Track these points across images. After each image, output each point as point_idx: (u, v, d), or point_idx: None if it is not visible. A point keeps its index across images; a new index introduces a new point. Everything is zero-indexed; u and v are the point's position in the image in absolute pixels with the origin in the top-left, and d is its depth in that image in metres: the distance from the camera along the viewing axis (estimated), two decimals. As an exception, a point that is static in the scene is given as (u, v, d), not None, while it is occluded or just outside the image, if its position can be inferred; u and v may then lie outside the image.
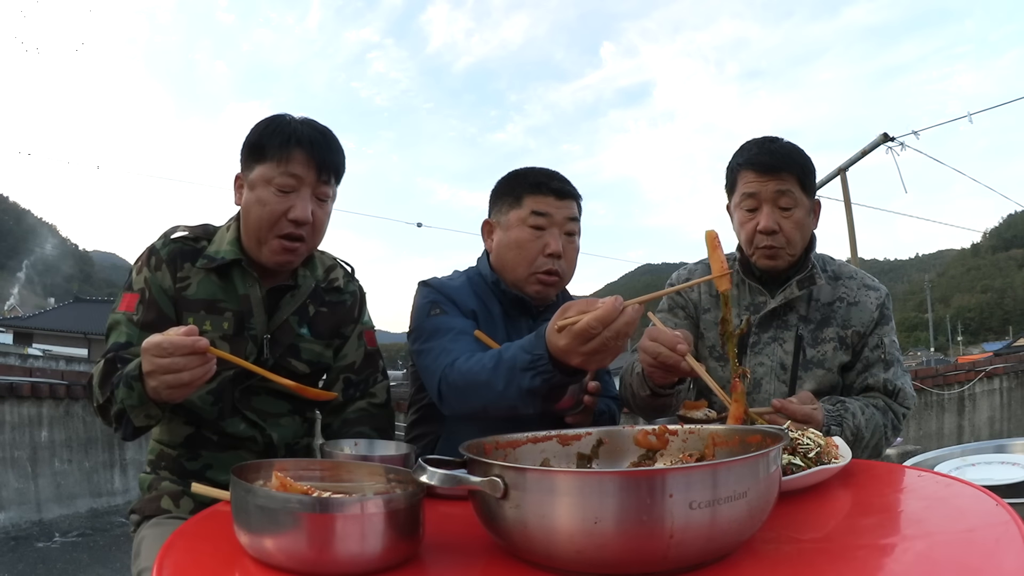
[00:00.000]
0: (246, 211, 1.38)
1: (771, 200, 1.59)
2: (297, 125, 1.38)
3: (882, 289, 1.71)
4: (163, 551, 0.76)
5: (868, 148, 11.62)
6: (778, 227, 1.59)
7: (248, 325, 1.40)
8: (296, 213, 1.35)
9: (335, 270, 1.59)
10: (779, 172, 1.58)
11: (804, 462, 1.02)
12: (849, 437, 1.47)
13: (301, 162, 1.35)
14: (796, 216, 1.60)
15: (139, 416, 1.18)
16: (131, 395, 1.14)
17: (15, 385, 4.77)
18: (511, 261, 1.58)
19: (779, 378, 1.67)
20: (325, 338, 1.51)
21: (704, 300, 1.78)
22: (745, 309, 1.72)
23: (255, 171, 1.37)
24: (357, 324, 1.58)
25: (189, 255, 1.40)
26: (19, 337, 36.11)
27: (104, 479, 5.29)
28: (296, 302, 1.46)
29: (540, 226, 1.55)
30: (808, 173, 1.61)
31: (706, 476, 0.67)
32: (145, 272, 1.38)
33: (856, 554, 0.74)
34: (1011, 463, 2.08)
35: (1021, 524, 0.75)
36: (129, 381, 1.13)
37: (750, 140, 1.69)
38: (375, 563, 0.72)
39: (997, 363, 6.61)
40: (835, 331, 1.66)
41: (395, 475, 0.88)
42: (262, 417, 1.42)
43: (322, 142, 1.38)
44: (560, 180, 1.59)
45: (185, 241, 1.41)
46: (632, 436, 0.99)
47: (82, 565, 3.85)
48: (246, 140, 1.40)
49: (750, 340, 1.70)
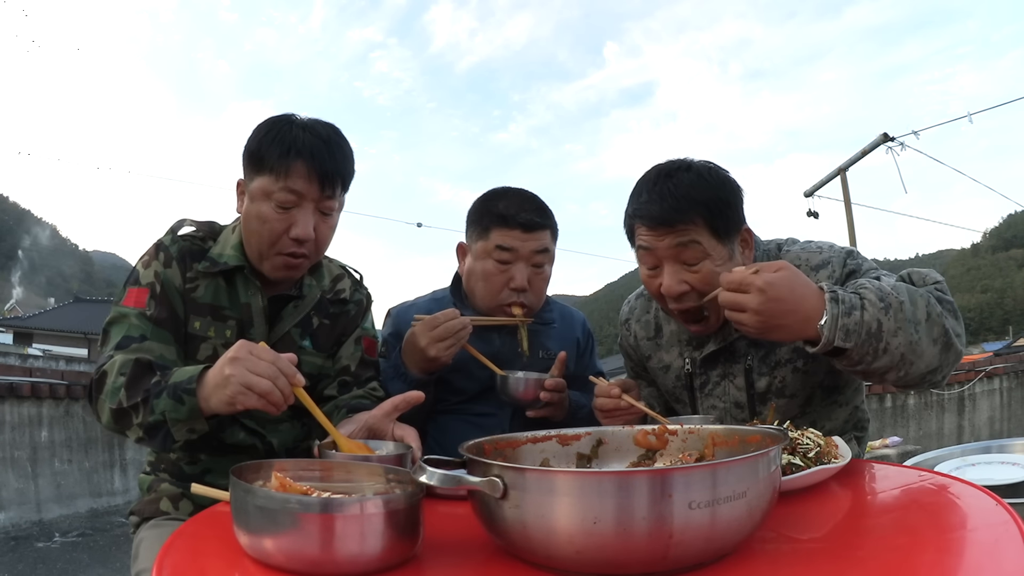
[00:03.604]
0: (246, 223, 1.34)
1: (671, 257, 1.30)
2: (299, 132, 1.30)
3: (835, 259, 1.34)
4: (163, 551, 0.76)
5: (868, 148, 11.63)
6: (687, 286, 1.30)
7: (248, 335, 1.35)
8: (297, 231, 1.30)
9: (342, 280, 1.54)
10: (675, 224, 1.27)
11: (804, 462, 1.02)
12: (874, 304, 1.09)
13: (302, 176, 1.28)
14: (706, 269, 1.28)
15: (181, 430, 1.11)
16: (179, 409, 1.08)
17: (15, 385, 4.76)
18: (479, 291, 1.61)
19: (736, 418, 1.45)
20: (326, 350, 1.48)
21: (644, 345, 1.58)
22: (687, 344, 1.49)
23: (255, 182, 1.31)
24: (357, 329, 1.53)
25: (197, 255, 1.36)
26: (19, 337, 36.11)
27: (104, 479, 5.28)
28: (299, 313, 1.42)
29: (506, 260, 1.56)
30: (720, 212, 1.29)
31: (706, 476, 0.67)
32: (155, 267, 1.32)
33: (856, 554, 0.74)
34: (1011, 463, 2.08)
35: (1021, 524, 0.75)
36: (179, 395, 1.07)
37: (644, 176, 1.35)
38: (375, 563, 0.72)
39: (997, 363, 6.61)
40: (790, 346, 1.37)
41: (394, 475, 0.88)
42: (261, 424, 1.39)
43: (324, 151, 1.30)
44: (530, 211, 1.57)
45: (193, 240, 1.37)
46: (632, 436, 1.00)
47: (82, 565, 3.85)
48: (247, 145, 1.34)
49: (697, 383, 1.49)
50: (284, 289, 1.42)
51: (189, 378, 1.08)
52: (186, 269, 1.34)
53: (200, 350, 1.34)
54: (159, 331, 1.28)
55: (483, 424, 1.60)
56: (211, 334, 1.34)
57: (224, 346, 1.30)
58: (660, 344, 1.55)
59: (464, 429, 1.60)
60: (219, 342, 1.34)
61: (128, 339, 1.25)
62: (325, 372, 1.47)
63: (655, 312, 1.57)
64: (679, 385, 1.53)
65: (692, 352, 1.48)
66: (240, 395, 1.01)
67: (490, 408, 1.62)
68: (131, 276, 1.34)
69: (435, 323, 1.44)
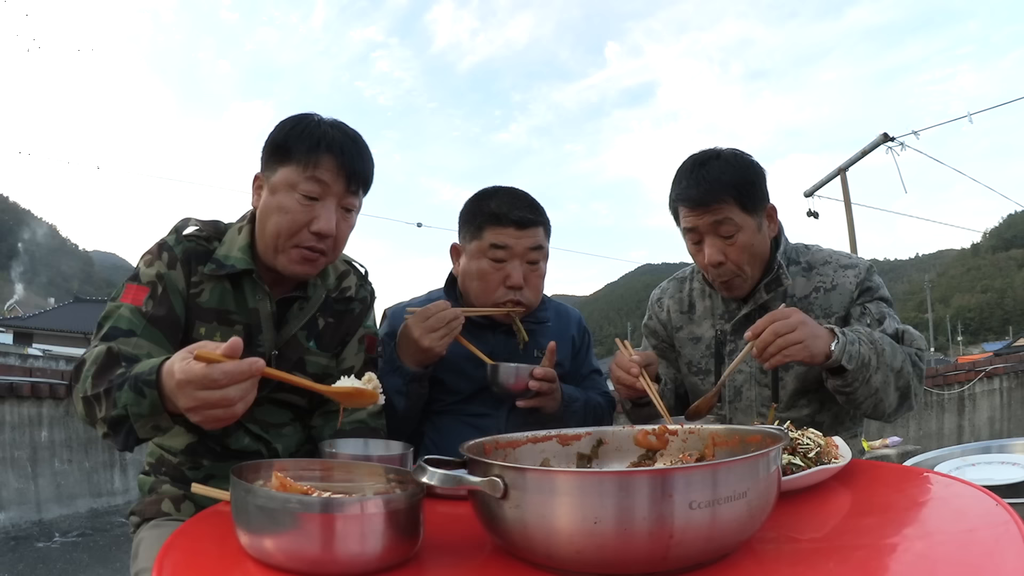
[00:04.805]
0: (264, 216, 1.30)
1: (711, 232, 1.54)
2: (327, 128, 1.30)
3: (861, 264, 1.62)
4: (163, 551, 0.76)
5: (868, 148, 11.64)
6: (724, 257, 1.54)
7: (256, 341, 1.33)
8: (320, 225, 1.27)
9: (348, 277, 1.51)
10: (711, 204, 1.51)
11: (804, 462, 1.02)
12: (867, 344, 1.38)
13: (330, 168, 1.27)
14: (741, 241, 1.53)
15: (145, 428, 1.02)
16: (140, 403, 0.99)
17: (15, 385, 4.76)
18: (474, 291, 1.61)
19: (760, 383, 1.63)
20: (331, 350, 1.45)
21: (675, 318, 1.78)
22: (720, 317, 1.69)
23: (278, 173, 1.29)
24: (361, 328, 1.51)
25: (202, 257, 1.32)
26: (19, 337, 36.12)
27: (104, 479, 5.28)
28: (305, 315, 1.39)
29: (500, 258, 1.56)
30: (747, 190, 1.52)
31: (706, 476, 0.67)
32: (158, 267, 1.28)
33: (856, 554, 0.74)
34: (1011, 463, 2.08)
35: (1021, 524, 0.75)
36: (139, 387, 0.99)
37: (682, 166, 1.60)
38: (375, 563, 0.72)
39: (997, 363, 6.61)
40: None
41: (395, 475, 0.88)
42: (265, 428, 1.37)
43: (353, 149, 1.30)
44: (522, 208, 1.57)
45: (198, 241, 1.33)
46: (632, 436, 1.00)
47: (82, 565, 3.85)
48: (270, 138, 1.32)
49: (727, 348, 1.66)
50: (289, 290, 1.39)
51: (150, 369, 0.98)
52: (191, 272, 1.30)
53: None
54: (152, 330, 1.23)
55: (479, 424, 1.61)
56: (217, 338, 1.28)
57: None
58: (692, 319, 1.75)
59: (460, 429, 1.60)
60: None
61: (116, 330, 1.20)
62: (329, 372, 1.44)
63: (688, 291, 1.79)
64: (707, 354, 1.71)
65: (724, 324, 1.68)
66: (211, 423, 0.91)
67: (486, 408, 1.63)
68: (132, 273, 1.31)
69: (427, 314, 1.46)
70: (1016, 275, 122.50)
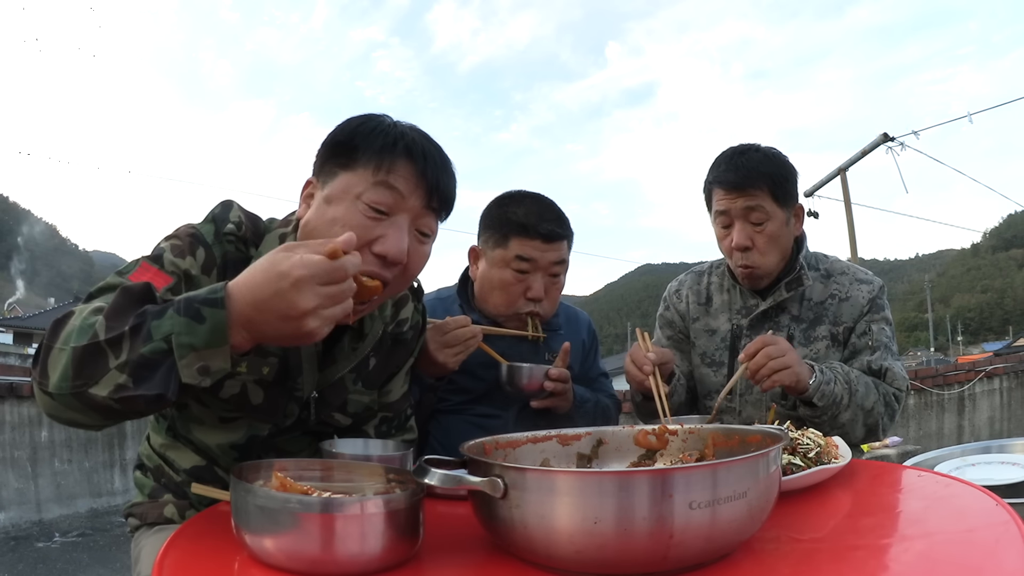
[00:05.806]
0: (314, 230, 1.05)
1: (742, 216, 1.59)
2: (405, 129, 1.07)
3: (875, 282, 1.69)
4: (163, 551, 0.76)
5: (868, 148, 11.64)
6: (751, 242, 1.59)
7: (295, 385, 1.11)
8: (387, 246, 1.01)
9: (406, 304, 1.27)
10: (747, 189, 1.57)
11: (804, 462, 1.02)
12: (842, 384, 1.47)
13: (407, 176, 1.03)
14: (769, 230, 1.59)
15: (191, 368, 0.78)
16: (195, 330, 0.77)
17: (15, 385, 4.76)
18: (494, 299, 1.60)
19: None
20: (376, 386, 1.25)
21: (692, 309, 1.81)
22: (737, 312, 1.73)
23: (338, 179, 1.04)
24: (411, 358, 1.32)
25: (239, 266, 0.98)
26: (19, 337, 36.09)
27: (104, 479, 5.28)
28: (357, 356, 1.16)
29: (524, 270, 1.56)
30: (781, 183, 1.59)
31: (706, 476, 0.67)
32: (190, 264, 1.02)
33: (856, 554, 0.74)
34: (1011, 463, 2.07)
35: (1021, 524, 0.75)
36: (195, 309, 0.77)
37: (722, 153, 1.67)
38: (375, 563, 0.72)
39: (997, 363, 6.62)
40: (827, 328, 1.65)
41: (395, 475, 0.88)
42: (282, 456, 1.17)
43: (437, 159, 1.07)
44: (551, 220, 1.56)
45: (237, 244, 1.08)
46: (632, 436, 1.00)
47: (82, 565, 3.85)
48: (330, 138, 1.08)
49: (741, 343, 1.68)
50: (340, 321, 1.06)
51: (210, 290, 0.80)
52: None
53: (225, 386, 1.05)
54: None
55: (487, 425, 1.60)
56: (242, 369, 1.04)
57: (256, 383, 1.07)
58: (709, 311, 1.79)
59: (467, 430, 1.59)
60: (251, 378, 1.07)
61: None
62: (370, 408, 1.24)
63: (706, 284, 1.83)
64: (722, 347, 1.74)
65: (740, 319, 1.72)
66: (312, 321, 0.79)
67: (494, 409, 1.62)
68: (153, 252, 1.03)
69: (445, 329, 1.42)
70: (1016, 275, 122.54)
